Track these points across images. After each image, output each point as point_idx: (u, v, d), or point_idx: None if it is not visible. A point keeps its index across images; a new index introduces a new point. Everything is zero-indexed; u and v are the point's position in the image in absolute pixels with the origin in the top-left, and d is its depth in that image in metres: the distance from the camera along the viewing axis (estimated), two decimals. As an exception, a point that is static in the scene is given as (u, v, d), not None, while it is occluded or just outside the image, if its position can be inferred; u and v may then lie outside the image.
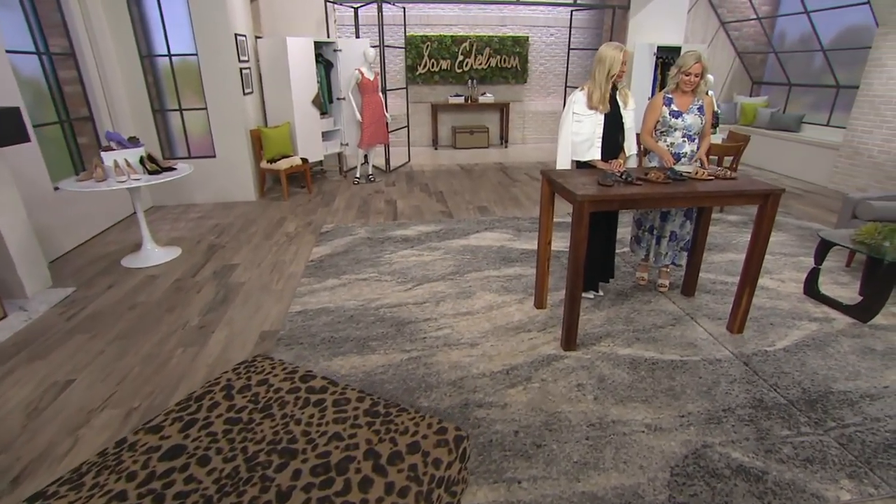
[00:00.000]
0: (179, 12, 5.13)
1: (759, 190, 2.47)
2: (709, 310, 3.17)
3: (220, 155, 5.66)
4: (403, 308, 3.22)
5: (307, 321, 3.09)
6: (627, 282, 3.57)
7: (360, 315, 3.15)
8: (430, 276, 3.68)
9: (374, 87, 6.25)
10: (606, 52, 2.82)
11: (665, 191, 2.43)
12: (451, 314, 3.13)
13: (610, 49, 2.82)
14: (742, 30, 8.28)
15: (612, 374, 2.53)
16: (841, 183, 6.30)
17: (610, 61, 2.81)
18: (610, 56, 2.81)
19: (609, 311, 3.14)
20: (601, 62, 2.83)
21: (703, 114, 3.04)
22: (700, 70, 2.91)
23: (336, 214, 5.29)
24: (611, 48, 2.82)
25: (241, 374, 1.87)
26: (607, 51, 2.82)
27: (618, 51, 2.79)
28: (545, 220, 2.89)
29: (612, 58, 2.81)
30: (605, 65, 2.81)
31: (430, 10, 8.73)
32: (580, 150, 2.98)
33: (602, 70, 2.83)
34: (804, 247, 4.28)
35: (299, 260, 4.10)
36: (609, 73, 2.83)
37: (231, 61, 5.32)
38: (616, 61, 2.80)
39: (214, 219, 5.25)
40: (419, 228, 4.73)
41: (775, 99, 8.18)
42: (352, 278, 3.68)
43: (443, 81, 9.10)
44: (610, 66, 2.80)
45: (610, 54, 2.81)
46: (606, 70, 2.81)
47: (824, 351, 2.73)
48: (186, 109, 5.54)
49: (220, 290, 3.61)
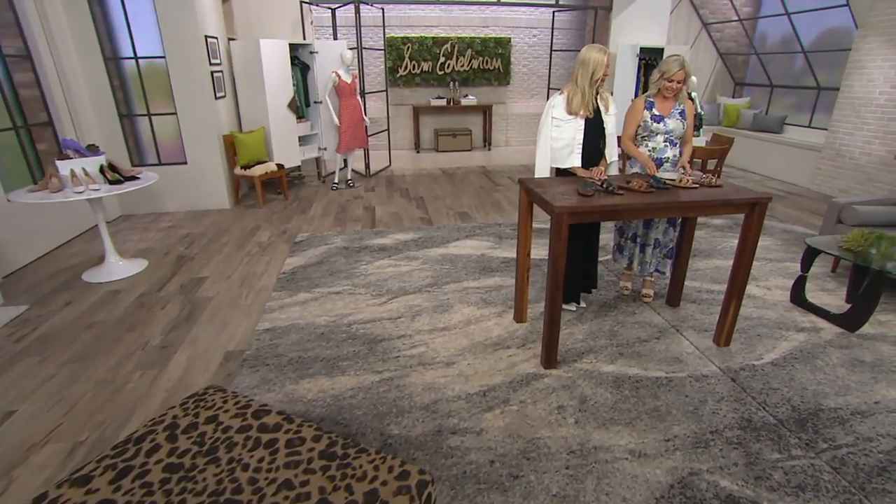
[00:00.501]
0: (146, 13, 4.92)
1: (746, 199, 2.37)
2: (694, 321, 3.06)
3: (191, 161, 5.45)
4: (377, 324, 3.06)
5: (275, 340, 2.92)
6: (611, 292, 3.45)
7: (330, 332, 2.99)
8: (407, 288, 3.53)
9: (352, 90, 6.08)
10: (590, 54, 2.69)
11: (647, 201, 2.31)
12: (426, 330, 2.99)
13: (593, 52, 2.69)
14: (724, 31, 8.27)
15: (594, 393, 2.40)
16: (823, 185, 6.28)
17: (594, 64, 2.68)
18: (594, 59, 2.68)
19: (592, 324, 3.02)
20: (584, 65, 2.70)
21: (685, 118, 2.93)
22: (683, 77, 2.81)
23: (312, 222, 5.12)
24: (594, 51, 2.69)
25: (189, 410, 1.71)
26: (591, 53, 2.69)
27: (601, 53, 2.67)
28: (524, 231, 2.76)
29: (596, 61, 2.68)
30: (588, 68, 2.69)
31: (410, 11, 8.58)
32: (560, 156, 2.85)
33: (585, 73, 2.70)
34: (790, 251, 4.21)
35: (271, 272, 3.92)
36: (593, 77, 2.70)
37: (201, 64, 5.12)
38: (600, 65, 2.68)
39: (185, 228, 5.04)
40: (397, 237, 4.57)
41: (758, 100, 8.18)
42: (324, 292, 3.51)
43: (424, 83, 8.95)
44: (594, 69, 2.68)
45: (594, 57, 2.68)
46: (590, 74, 2.68)
47: (813, 364, 2.64)
48: (155, 114, 5.32)
49: (185, 305, 3.42)
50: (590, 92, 2.72)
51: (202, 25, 5.04)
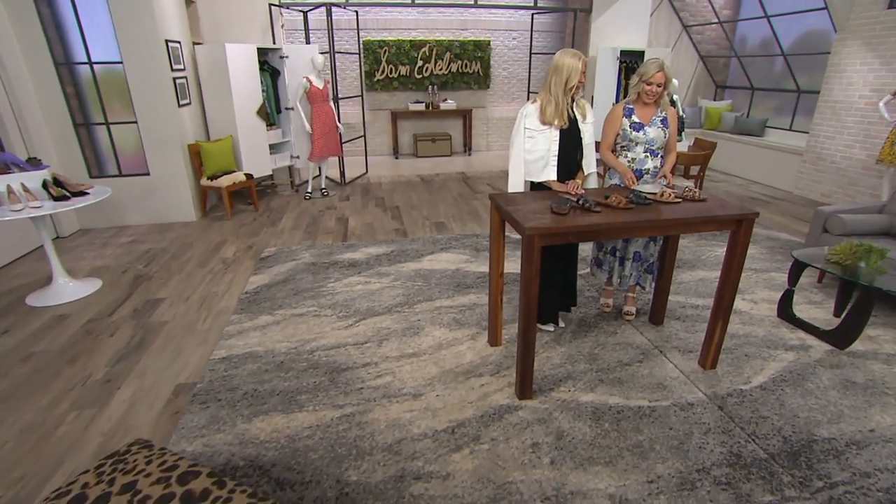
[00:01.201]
0: (100, 15, 4.64)
1: (732, 215, 2.21)
2: (679, 341, 2.90)
3: (154, 172, 5.17)
4: (341, 351, 2.85)
5: (230, 370, 2.69)
6: (591, 308, 3.28)
7: (291, 361, 2.76)
8: (376, 308, 3.32)
9: (324, 96, 5.85)
10: (563, 60, 2.51)
11: (627, 219, 2.13)
12: (394, 356, 2.78)
13: (567, 57, 2.51)
14: (704, 33, 8.21)
15: (571, 428, 2.22)
16: (806, 189, 6.21)
17: (568, 71, 2.50)
18: (568, 65, 2.50)
19: (570, 347, 2.84)
20: (557, 72, 2.52)
21: (668, 127, 2.77)
22: (663, 79, 2.65)
23: (281, 235, 4.87)
24: (568, 56, 2.51)
25: (104, 476, 1.48)
26: (564, 59, 2.51)
27: (576, 59, 2.49)
28: (496, 250, 2.57)
29: (571, 67, 2.50)
30: (561, 75, 2.51)
31: (387, 14, 8.38)
32: (534, 169, 2.67)
33: (559, 81, 2.52)
34: (775, 261, 4.09)
35: (233, 292, 3.67)
36: (567, 85, 2.52)
37: (162, 70, 4.85)
38: (574, 71, 2.50)
39: (147, 243, 4.76)
40: (369, 250, 4.36)
41: (739, 103, 8.13)
42: (288, 314, 3.28)
43: (402, 88, 8.75)
44: (568, 76, 2.49)
45: (567, 63, 2.50)
46: (564, 80, 2.50)
47: (803, 387, 2.49)
48: (114, 123, 5.03)
49: (137, 332, 3.16)
50: (564, 100, 2.55)
51: (162, 29, 4.78)
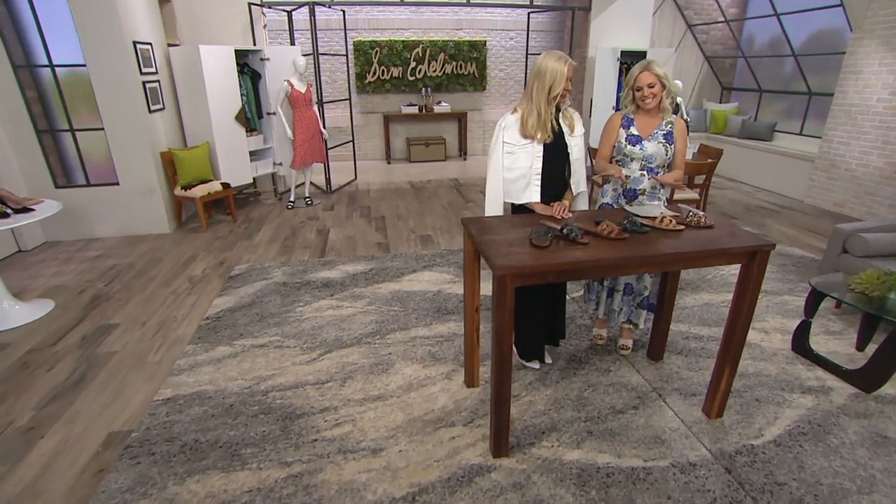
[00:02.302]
0: (62, 15, 4.34)
1: (743, 247, 1.87)
2: (680, 381, 2.56)
3: (124, 182, 4.88)
4: (299, 392, 2.53)
5: (173, 414, 2.38)
6: (583, 340, 2.94)
7: (242, 404, 2.45)
8: (344, 338, 3.00)
9: (307, 100, 5.54)
10: (546, 63, 2.19)
11: (619, 254, 1.80)
12: (357, 399, 2.46)
13: (551, 60, 2.18)
14: (710, 33, 7.85)
15: (553, 496, 1.89)
16: (818, 197, 5.84)
17: (551, 76, 2.17)
18: (551, 69, 2.17)
19: (557, 388, 2.51)
20: (540, 77, 2.20)
21: (672, 142, 2.42)
22: (653, 80, 2.31)
23: (256, 250, 4.56)
24: (552, 59, 2.18)
25: None
26: (547, 62, 2.19)
27: (561, 62, 2.16)
28: (470, 283, 2.24)
29: (554, 72, 2.17)
30: (544, 81, 2.18)
31: (378, 13, 8.07)
32: (514, 190, 2.34)
33: (541, 87, 2.19)
34: (787, 281, 3.74)
35: (193, 317, 3.37)
36: (551, 93, 2.20)
37: (130, 73, 4.55)
38: (559, 76, 2.17)
39: (113, 258, 4.47)
40: (346, 268, 4.04)
41: (746, 105, 7.76)
42: (248, 344, 2.97)
43: (395, 90, 8.43)
44: (552, 82, 2.17)
45: (551, 67, 2.17)
46: (547, 88, 2.18)
47: (826, 442, 2.15)
48: (79, 130, 4.74)
49: (80, 364, 2.86)
50: (547, 110, 2.22)
51: (128, 29, 4.48)
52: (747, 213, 5.59)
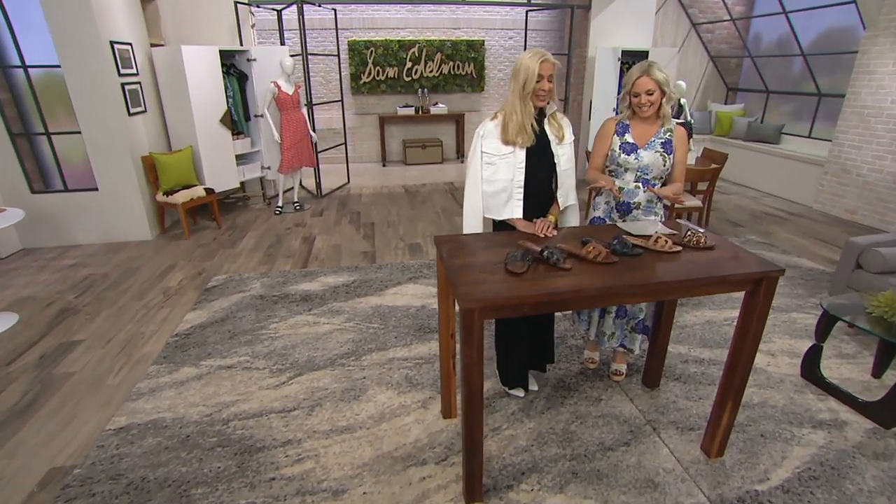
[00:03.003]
0: (34, 13, 4.16)
1: (748, 274, 1.64)
2: (678, 412, 2.34)
3: (103, 187, 4.70)
4: (263, 421, 2.33)
5: (124, 447, 2.19)
6: (573, 363, 2.73)
7: (199, 434, 2.25)
8: (317, 360, 2.79)
9: (295, 102, 5.35)
10: (520, 61, 2.00)
11: (606, 282, 1.58)
12: (323, 431, 2.25)
13: (525, 57, 1.98)
14: (715, 32, 7.60)
15: (531, 553, 1.68)
16: (827, 203, 5.59)
17: (524, 74, 1.97)
18: (524, 67, 1.98)
19: (541, 420, 2.29)
20: (515, 76, 2.00)
21: (670, 152, 2.20)
22: (652, 87, 2.10)
23: (238, 259, 4.37)
24: (527, 56, 1.98)
25: None
26: (522, 59, 2.00)
27: (534, 60, 1.95)
28: (444, 307, 2.04)
29: (527, 69, 1.97)
30: (518, 79, 1.98)
31: (374, 12, 7.87)
32: (494, 204, 2.13)
33: (515, 87, 1.99)
34: (795, 296, 3.50)
35: (162, 333, 3.18)
36: (524, 91, 1.99)
37: (107, 74, 4.37)
38: (530, 74, 1.96)
39: (90, 267, 4.29)
40: (328, 280, 3.84)
41: (752, 107, 7.50)
42: (214, 365, 2.77)
43: (390, 91, 8.23)
44: (524, 80, 1.97)
45: (524, 65, 1.98)
46: (520, 86, 1.98)
47: (841, 489, 1.92)
48: (55, 133, 4.57)
49: (33, 387, 2.67)
50: (524, 110, 2.00)
51: (104, 29, 4.30)
52: (753, 219, 5.35)
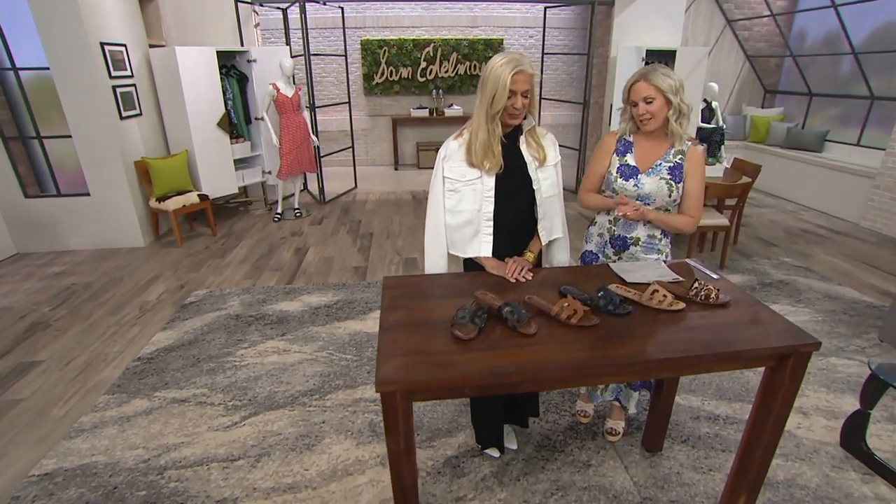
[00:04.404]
0: (26, 14, 4.04)
1: (771, 349, 1.26)
2: (682, 488, 1.95)
3: (94, 192, 4.57)
4: (201, 472, 2.06)
5: (42, 499, 1.96)
6: (563, 415, 2.36)
7: (128, 485, 2.00)
8: (277, 397, 2.52)
9: (295, 104, 5.11)
10: (490, 68, 1.58)
11: (576, 357, 1.23)
12: (264, 489, 1.97)
13: (496, 64, 1.57)
14: (753, 29, 7.00)
15: None
16: (878, 221, 4.99)
17: (492, 86, 1.57)
18: (493, 76, 1.56)
19: (515, 489, 1.94)
20: (482, 86, 1.62)
21: (680, 180, 1.81)
22: (651, 93, 1.71)
23: (224, 270, 4.16)
24: (498, 62, 1.57)
25: None
26: (492, 66, 1.58)
27: (507, 67, 1.54)
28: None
29: (496, 80, 1.55)
30: (485, 91, 1.60)
31: (388, 10, 7.59)
32: (459, 239, 1.79)
33: (482, 100, 1.62)
34: (836, 335, 3.03)
35: (127, 355, 2.97)
36: (493, 106, 1.59)
37: (98, 77, 4.21)
38: (501, 87, 1.55)
39: (76, 275, 4.16)
40: (310, 299, 3.57)
41: (792, 111, 6.87)
42: (168, 398, 2.53)
43: (404, 92, 7.94)
44: (492, 94, 1.57)
45: (493, 74, 1.56)
46: (487, 101, 1.60)
47: None
48: (46, 137, 4.47)
49: (-24, 415, 2.49)
50: (489, 130, 1.64)
51: (94, 30, 4.14)
52: (789, 238, 4.81)
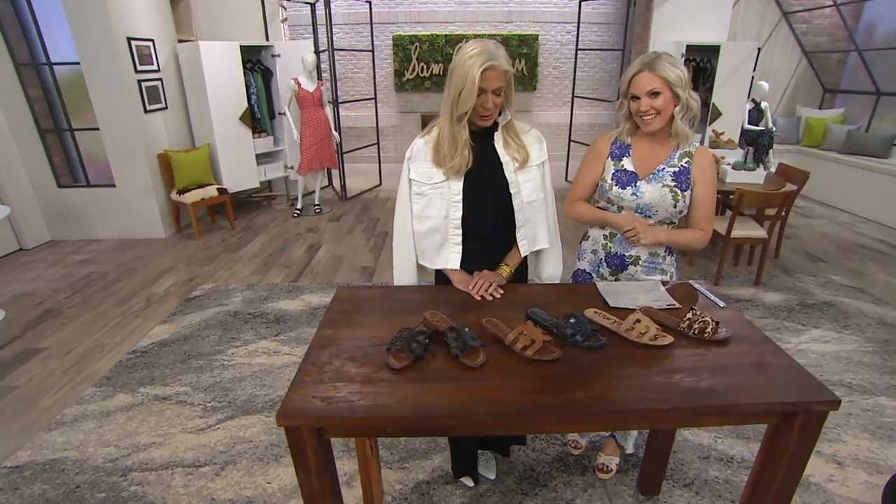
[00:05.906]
0: (59, 10, 4.17)
1: (771, 404, 1.01)
2: (676, 540, 1.71)
3: (120, 184, 4.69)
4: (164, 476, 1.99)
5: (7, 493, 1.95)
6: (552, 443, 2.14)
7: (90, 486, 1.96)
8: (257, 401, 2.43)
9: (316, 100, 5.07)
10: (457, 60, 1.37)
11: (523, 399, 1.03)
12: (222, 500, 1.87)
13: (465, 56, 1.35)
14: (813, 22, 6.41)
15: None
16: (949, 238, 4.43)
17: (458, 81, 1.36)
18: (460, 72, 1.35)
19: (488, 527, 1.76)
20: (448, 80, 1.43)
21: (687, 188, 1.57)
22: (657, 85, 1.46)
23: (234, 265, 4.16)
24: (466, 53, 1.36)
25: None
26: (460, 58, 1.37)
27: (476, 59, 1.32)
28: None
29: (462, 75, 1.34)
30: (451, 87, 1.41)
31: (421, 5, 7.47)
32: (426, 248, 1.61)
33: (447, 96, 1.42)
34: (887, 369, 2.64)
35: (123, 347, 2.98)
36: (458, 104, 1.38)
37: (124, 71, 4.30)
38: (468, 84, 1.33)
39: (97, 264, 4.27)
40: (312, 298, 3.48)
41: (855, 112, 6.25)
42: (150, 395, 2.50)
43: (435, 88, 7.80)
44: (458, 90, 1.37)
45: (460, 67, 1.35)
46: (452, 98, 1.40)
47: None
48: (77, 130, 4.62)
49: (-27, 399, 2.54)
50: (455, 129, 1.45)
51: (121, 25, 4.22)
52: (841, 253, 4.34)
